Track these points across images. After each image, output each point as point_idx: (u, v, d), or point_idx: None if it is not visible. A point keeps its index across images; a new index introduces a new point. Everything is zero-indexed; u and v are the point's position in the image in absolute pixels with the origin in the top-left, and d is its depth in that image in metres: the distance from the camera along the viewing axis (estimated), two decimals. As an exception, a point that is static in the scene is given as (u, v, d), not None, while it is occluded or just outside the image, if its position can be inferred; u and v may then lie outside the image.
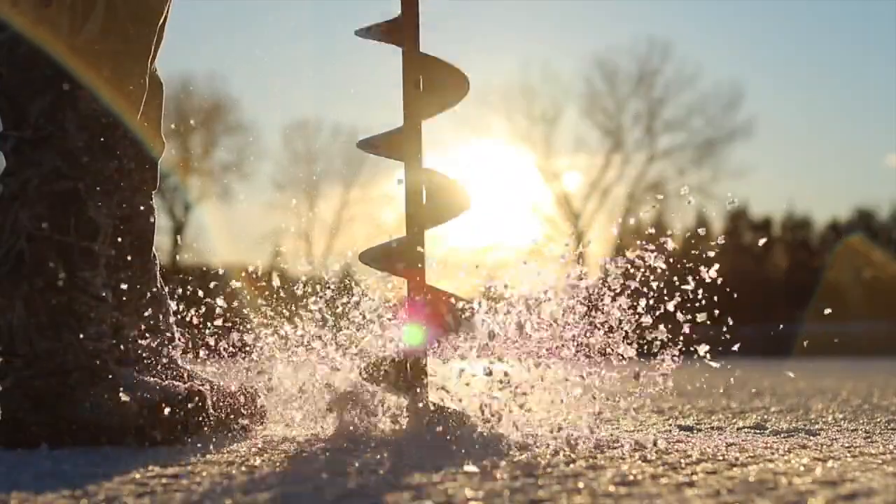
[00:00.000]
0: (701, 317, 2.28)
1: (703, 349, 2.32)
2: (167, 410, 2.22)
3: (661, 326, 2.29)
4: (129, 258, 2.53)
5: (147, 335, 2.56)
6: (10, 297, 2.28)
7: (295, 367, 2.44)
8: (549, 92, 37.48)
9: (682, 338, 2.32)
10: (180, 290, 2.62)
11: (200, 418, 2.25)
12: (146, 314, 2.56)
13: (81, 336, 2.27)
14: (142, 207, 2.57)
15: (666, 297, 2.30)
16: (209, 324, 2.53)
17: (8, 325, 2.28)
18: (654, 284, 2.29)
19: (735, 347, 2.61)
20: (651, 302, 2.29)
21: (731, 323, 2.39)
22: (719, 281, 2.29)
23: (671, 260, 2.31)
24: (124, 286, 2.52)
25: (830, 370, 10.29)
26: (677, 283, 2.31)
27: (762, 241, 35.08)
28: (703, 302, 2.28)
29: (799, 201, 49.05)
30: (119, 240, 2.48)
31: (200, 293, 2.62)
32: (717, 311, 2.30)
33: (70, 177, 2.30)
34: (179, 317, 2.57)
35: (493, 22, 45.32)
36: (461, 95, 2.38)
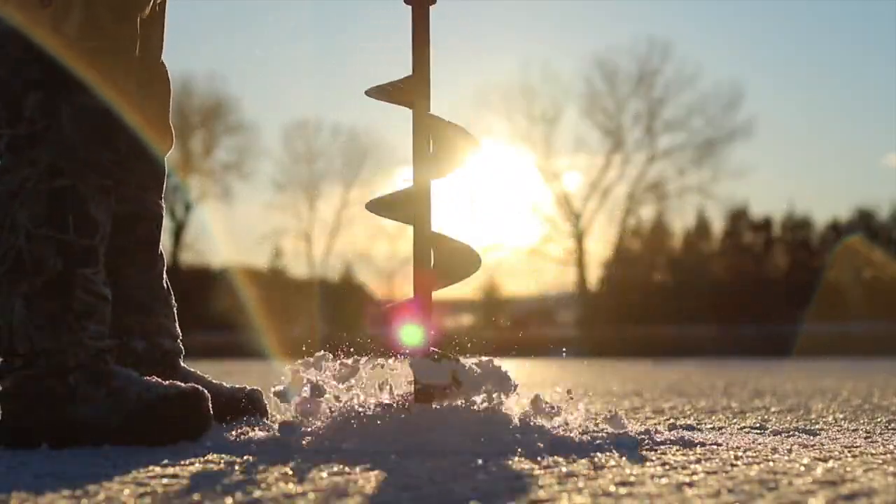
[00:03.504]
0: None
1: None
2: (168, 410, 2.22)
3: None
4: (135, 256, 2.52)
5: (151, 335, 2.56)
6: (9, 297, 2.27)
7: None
8: (549, 92, 37.48)
9: None
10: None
11: (201, 418, 2.25)
12: (151, 314, 2.56)
13: (81, 335, 2.26)
14: (146, 204, 2.57)
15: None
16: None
17: (8, 325, 2.28)
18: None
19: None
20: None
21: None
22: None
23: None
24: (129, 285, 2.52)
25: (830, 370, 10.29)
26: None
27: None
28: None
29: (799, 201, 49.10)
30: (124, 237, 2.47)
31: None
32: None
33: (68, 173, 2.29)
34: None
35: (493, 22, 45.35)
36: (470, 157, 2.37)
